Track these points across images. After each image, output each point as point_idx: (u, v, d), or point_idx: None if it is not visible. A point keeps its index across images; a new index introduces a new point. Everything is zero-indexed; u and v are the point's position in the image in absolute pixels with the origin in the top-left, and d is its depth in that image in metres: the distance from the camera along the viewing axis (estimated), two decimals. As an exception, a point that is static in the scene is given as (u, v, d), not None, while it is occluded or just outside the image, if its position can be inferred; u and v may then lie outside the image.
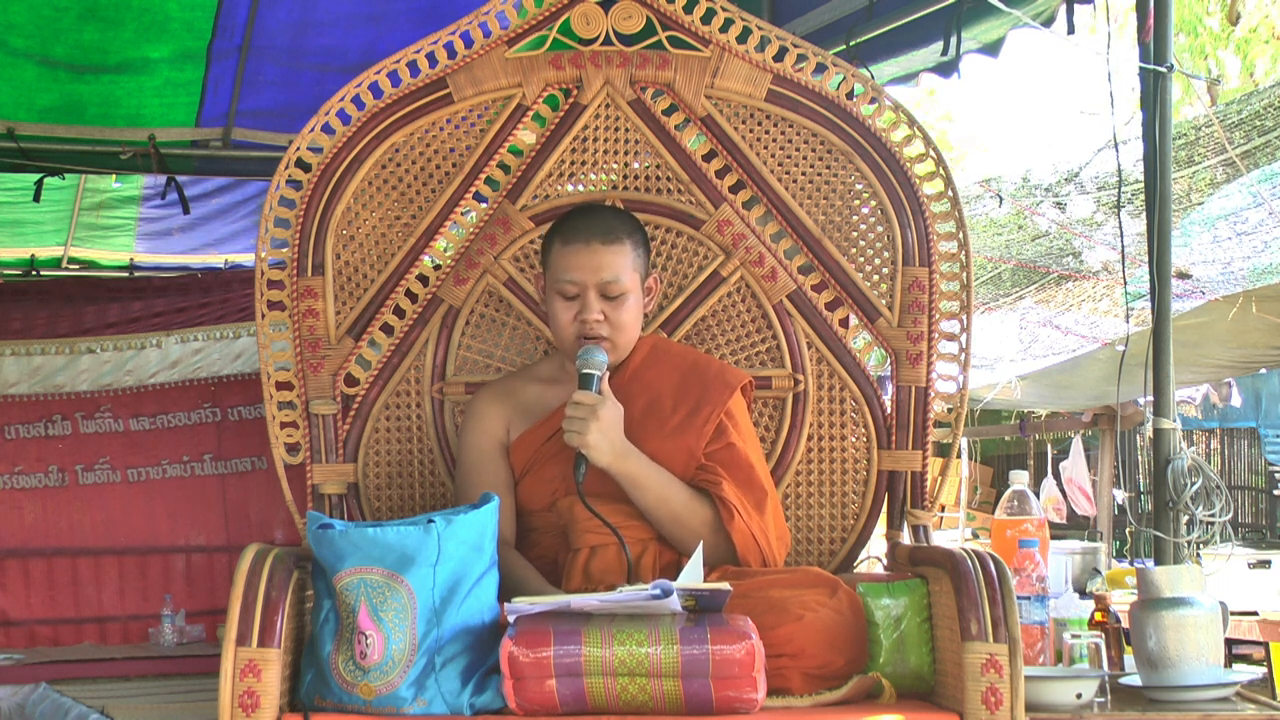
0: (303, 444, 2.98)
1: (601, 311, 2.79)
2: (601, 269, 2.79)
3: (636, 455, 2.75)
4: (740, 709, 2.31)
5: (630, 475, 2.73)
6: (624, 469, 2.73)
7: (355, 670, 2.35)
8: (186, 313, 5.04)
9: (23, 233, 7.51)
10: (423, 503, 3.04)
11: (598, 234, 2.81)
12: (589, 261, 2.79)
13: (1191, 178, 8.54)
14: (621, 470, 2.73)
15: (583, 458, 2.71)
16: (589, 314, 2.79)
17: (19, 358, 4.84)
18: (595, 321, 2.79)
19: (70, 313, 4.99)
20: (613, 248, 2.81)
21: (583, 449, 2.70)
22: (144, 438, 4.88)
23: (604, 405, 2.71)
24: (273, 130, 5.45)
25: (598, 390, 2.74)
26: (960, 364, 3.05)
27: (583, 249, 2.80)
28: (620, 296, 2.81)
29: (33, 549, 4.77)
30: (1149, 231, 3.73)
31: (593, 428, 2.69)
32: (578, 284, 2.79)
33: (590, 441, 2.69)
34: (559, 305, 2.82)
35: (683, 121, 3.09)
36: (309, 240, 3.00)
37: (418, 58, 3.02)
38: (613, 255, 2.81)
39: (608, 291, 2.80)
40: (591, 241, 2.80)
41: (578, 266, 2.79)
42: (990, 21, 4.30)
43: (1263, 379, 12.20)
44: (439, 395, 3.06)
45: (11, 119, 5.21)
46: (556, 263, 2.82)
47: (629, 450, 2.74)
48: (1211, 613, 2.80)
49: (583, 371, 2.75)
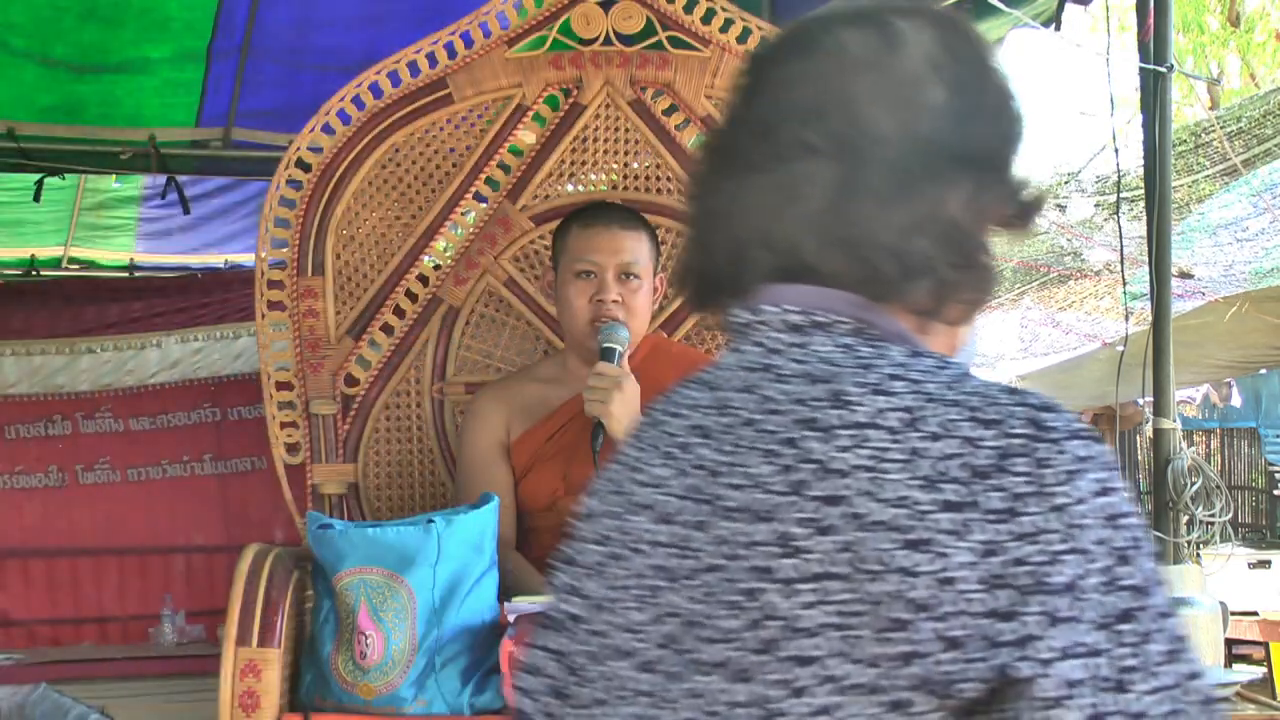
0: (303, 444, 2.98)
1: (619, 294, 2.79)
2: (622, 250, 2.80)
3: None
4: (740, 709, 2.31)
5: None
6: None
7: (355, 670, 2.35)
8: (186, 313, 5.04)
9: (23, 233, 7.50)
10: (423, 503, 3.04)
11: (618, 219, 2.84)
12: (609, 244, 2.80)
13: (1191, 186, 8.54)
14: None
15: (600, 428, 2.69)
16: (607, 294, 2.78)
17: (19, 358, 4.84)
18: (613, 302, 2.78)
19: (70, 313, 4.99)
20: (632, 233, 2.82)
21: (604, 418, 2.68)
22: (144, 438, 4.88)
23: (627, 379, 2.71)
24: (273, 130, 5.44)
25: (619, 365, 2.74)
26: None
27: (603, 230, 2.81)
28: (637, 281, 2.81)
29: (33, 549, 4.77)
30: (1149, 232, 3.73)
31: (616, 398, 2.67)
32: (597, 265, 2.79)
33: (613, 411, 2.67)
34: (574, 288, 2.81)
35: (683, 121, 3.09)
36: (309, 240, 3.00)
37: (418, 58, 3.02)
38: (633, 240, 2.82)
39: (627, 271, 2.80)
40: (612, 225, 2.82)
41: (598, 248, 2.79)
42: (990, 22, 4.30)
43: (1263, 379, 12.20)
44: (439, 395, 3.06)
45: (11, 119, 5.20)
46: (575, 245, 2.82)
47: None
48: (1211, 613, 2.80)
49: (604, 345, 2.74)
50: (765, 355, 1.06)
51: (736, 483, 1.00)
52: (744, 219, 1.09)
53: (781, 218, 1.06)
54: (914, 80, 1.07)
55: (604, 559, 1.07)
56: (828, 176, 1.05)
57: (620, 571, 1.05)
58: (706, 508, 1.00)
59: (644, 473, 1.07)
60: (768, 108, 1.10)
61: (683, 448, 1.05)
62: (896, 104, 1.06)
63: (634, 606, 1.03)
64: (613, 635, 1.04)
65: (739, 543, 0.97)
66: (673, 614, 1.00)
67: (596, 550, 1.08)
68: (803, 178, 1.06)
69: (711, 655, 0.97)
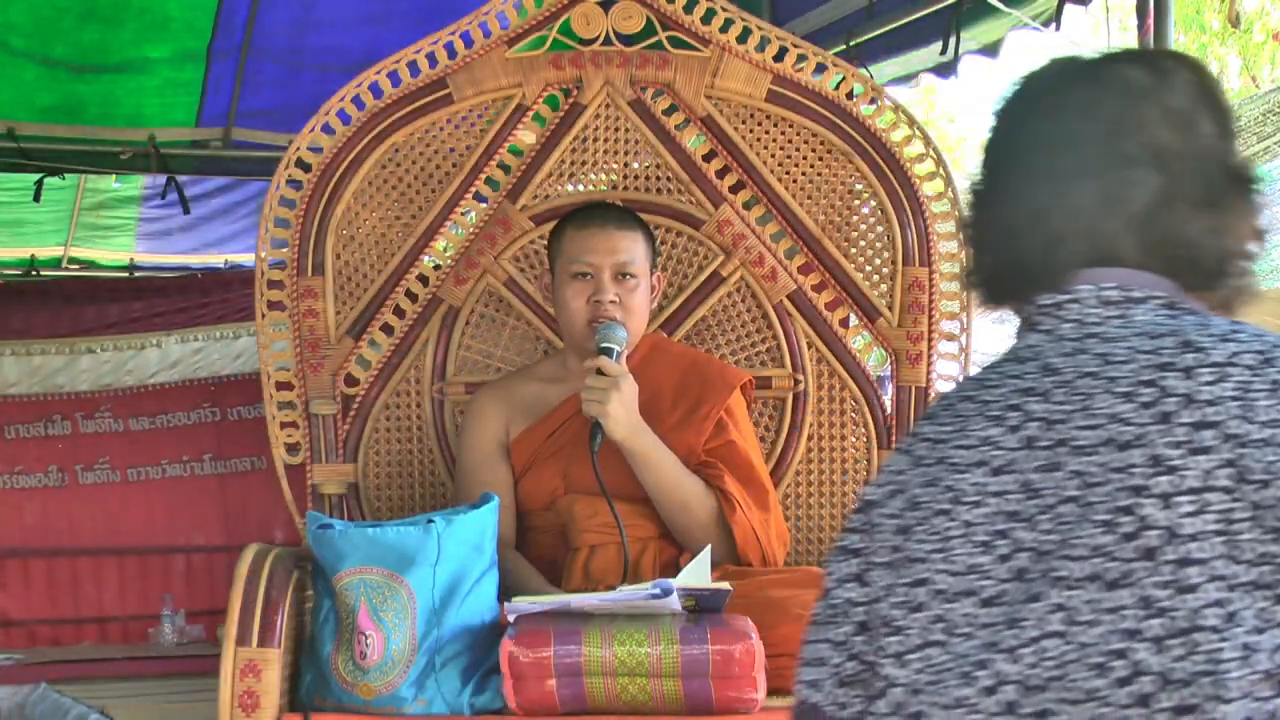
0: (303, 444, 2.98)
1: (616, 294, 2.79)
2: (618, 250, 2.80)
3: (651, 434, 2.73)
4: (740, 709, 2.31)
5: (644, 453, 2.72)
6: (639, 445, 2.71)
7: (355, 670, 2.35)
8: (186, 313, 5.03)
9: (23, 233, 7.51)
10: (423, 503, 3.04)
11: (613, 220, 2.84)
12: (605, 244, 2.80)
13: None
14: (636, 446, 2.71)
15: (599, 428, 2.70)
16: (604, 294, 2.78)
17: (19, 358, 4.83)
18: (610, 303, 2.78)
19: (70, 313, 4.98)
20: (628, 233, 2.82)
21: (602, 418, 2.68)
22: (144, 438, 4.87)
23: (625, 379, 2.70)
24: (273, 130, 5.44)
25: (617, 364, 2.73)
26: (960, 364, 3.06)
27: (598, 231, 2.81)
28: (634, 280, 2.80)
29: (33, 549, 4.76)
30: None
31: (614, 397, 2.67)
32: (593, 265, 2.79)
33: (610, 411, 2.67)
34: (571, 289, 2.81)
35: (683, 121, 3.09)
36: (309, 240, 3.00)
37: (418, 58, 3.02)
38: (628, 240, 2.82)
39: (623, 271, 2.80)
40: (607, 225, 2.82)
41: (594, 249, 2.79)
42: (990, 22, 4.30)
43: (1263, 379, 12.19)
44: (439, 395, 3.06)
45: (11, 119, 5.21)
46: (570, 246, 2.82)
47: (644, 428, 2.72)
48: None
49: (602, 345, 2.74)
50: (1081, 326, 1.25)
51: (1087, 424, 1.16)
52: (1067, 216, 1.27)
53: (1106, 215, 1.26)
54: (1188, 108, 1.28)
55: (913, 524, 1.22)
56: (1149, 183, 1.26)
57: (947, 524, 1.20)
58: (1049, 451, 1.17)
59: (966, 437, 1.23)
60: (1073, 125, 1.29)
61: (1012, 408, 1.21)
62: (1180, 126, 1.27)
63: (973, 551, 1.18)
64: (942, 581, 1.19)
65: (1102, 471, 1.14)
66: (1022, 549, 1.16)
67: (895, 522, 1.23)
68: (1127, 183, 1.26)
69: (1079, 571, 1.13)
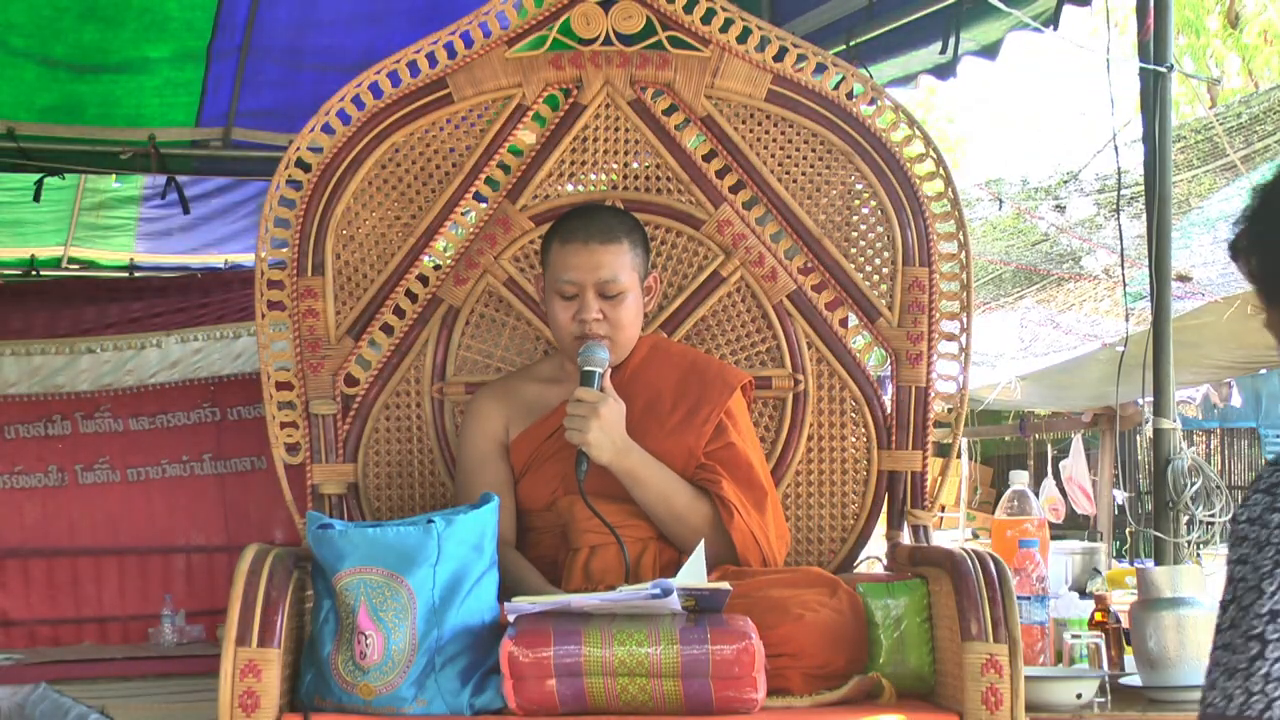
0: (303, 444, 2.98)
1: (600, 311, 2.79)
2: (599, 268, 2.79)
3: (639, 452, 2.74)
4: (740, 709, 2.31)
5: (631, 472, 2.73)
6: (625, 466, 2.73)
7: (355, 670, 2.35)
8: (186, 313, 5.04)
9: (23, 233, 7.50)
10: (423, 503, 3.04)
11: (595, 234, 2.81)
12: (586, 261, 2.79)
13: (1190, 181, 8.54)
14: (623, 467, 2.73)
15: (584, 455, 2.71)
16: (587, 313, 2.78)
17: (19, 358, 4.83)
18: (594, 320, 2.78)
19: (70, 313, 4.98)
20: (610, 247, 2.81)
21: (583, 447, 2.70)
22: (144, 437, 4.87)
23: (605, 403, 2.71)
24: (273, 130, 5.45)
25: (599, 387, 2.74)
26: (960, 364, 3.05)
27: (580, 248, 2.80)
28: (618, 296, 2.80)
29: (33, 549, 4.77)
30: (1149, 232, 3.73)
31: (594, 425, 2.69)
32: (576, 284, 2.79)
33: (591, 440, 2.69)
34: (558, 305, 2.82)
35: (683, 121, 3.09)
36: (309, 240, 3.00)
37: (418, 58, 3.02)
38: (610, 255, 2.80)
39: (606, 291, 2.79)
40: (589, 241, 2.80)
41: (575, 266, 2.79)
42: (989, 22, 4.30)
43: (1263, 379, 12.20)
44: (439, 395, 3.06)
45: (11, 119, 5.21)
46: (555, 263, 2.82)
47: (630, 447, 2.74)
48: (1211, 613, 2.79)
49: (584, 369, 2.75)
50: None
51: None
52: None
53: None
54: None
55: None
56: None
57: None
58: None
59: None
60: None
61: None
62: None
63: None
64: None
65: None
66: None
67: None
68: None
69: None
